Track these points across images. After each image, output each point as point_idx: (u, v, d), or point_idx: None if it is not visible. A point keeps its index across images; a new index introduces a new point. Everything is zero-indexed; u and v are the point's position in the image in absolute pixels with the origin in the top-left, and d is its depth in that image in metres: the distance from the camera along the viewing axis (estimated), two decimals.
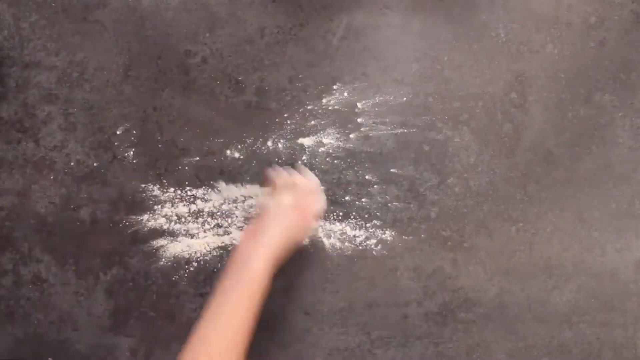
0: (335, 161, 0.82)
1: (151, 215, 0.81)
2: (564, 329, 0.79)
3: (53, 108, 0.83)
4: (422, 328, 0.79)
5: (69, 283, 0.80)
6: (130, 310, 0.80)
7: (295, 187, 0.72)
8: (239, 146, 0.82)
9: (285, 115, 0.82)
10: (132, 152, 0.82)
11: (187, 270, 0.80)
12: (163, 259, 0.80)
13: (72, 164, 0.82)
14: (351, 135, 0.82)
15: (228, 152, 0.82)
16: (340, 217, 0.81)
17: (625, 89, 0.83)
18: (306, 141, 0.82)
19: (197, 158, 0.82)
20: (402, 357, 0.79)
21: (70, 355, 0.79)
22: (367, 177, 0.82)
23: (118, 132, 0.83)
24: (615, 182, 0.81)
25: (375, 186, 0.81)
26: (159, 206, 0.81)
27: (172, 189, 0.82)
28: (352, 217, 0.81)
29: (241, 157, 0.82)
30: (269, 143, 0.82)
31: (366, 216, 0.81)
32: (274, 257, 0.64)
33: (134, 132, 0.82)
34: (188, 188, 0.82)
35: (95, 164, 0.82)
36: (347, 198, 0.81)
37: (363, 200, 0.81)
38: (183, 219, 0.81)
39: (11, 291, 0.81)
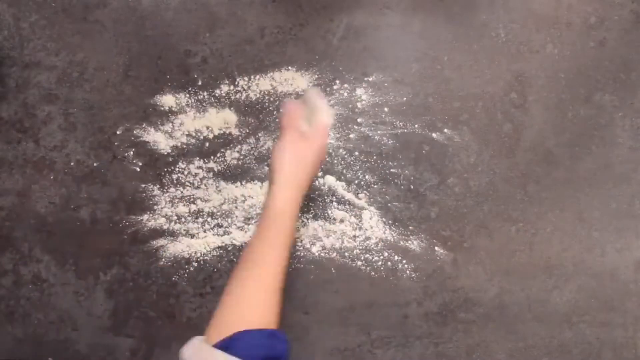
0: (335, 161, 0.82)
1: (151, 215, 0.81)
2: (564, 329, 0.79)
3: (53, 108, 0.83)
4: (422, 328, 0.79)
5: (69, 283, 0.80)
6: (130, 310, 0.80)
7: (303, 120, 0.67)
8: (239, 146, 0.82)
9: None
10: (132, 152, 0.82)
11: (187, 270, 0.80)
12: (163, 259, 0.80)
13: (72, 164, 0.82)
14: (351, 135, 0.82)
15: (228, 152, 0.82)
16: (340, 217, 0.81)
17: (625, 89, 0.83)
18: None
19: (197, 157, 0.82)
20: (402, 357, 0.79)
21: (70, 355, 0.79)
22: (367, 177, 0.82)
23: (118, 132, 0.83)
24: (615, 182, 0.81)
25: (375, 186, 0.81)
26: (159, 206, 0.81)
27: (172, 189, 0.82)
28: (352, 216, 0.81)
29: (241, 157, 0.82)
30: (269, 143, 0.82)
31: (366, 216, 0.81)
32: (290, 190, 0.63)
33: (134, 132, 0.82)
34: (188, 188, 0.82)
35: (95, 164, 0.82)
36: (347, 198, 0.81)
37: (363, 200, 0.81)
38: (183, 219, 0.81)
39: (11, 291, 0.81)
